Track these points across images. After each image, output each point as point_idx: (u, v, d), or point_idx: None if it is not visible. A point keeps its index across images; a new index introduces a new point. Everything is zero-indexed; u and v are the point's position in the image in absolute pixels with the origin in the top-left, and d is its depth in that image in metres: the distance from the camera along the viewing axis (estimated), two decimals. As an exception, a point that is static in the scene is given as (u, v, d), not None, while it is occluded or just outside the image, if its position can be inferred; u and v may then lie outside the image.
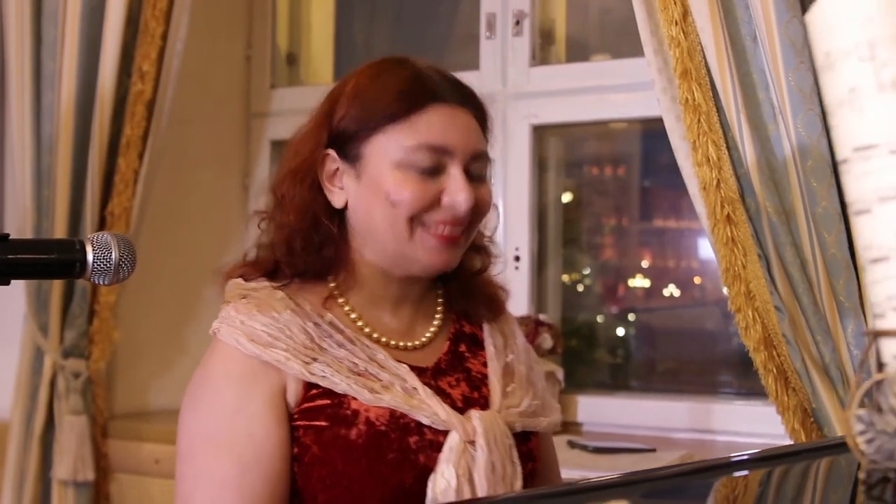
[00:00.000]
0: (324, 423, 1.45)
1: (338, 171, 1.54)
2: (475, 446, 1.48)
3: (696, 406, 2.81)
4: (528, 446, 1.60)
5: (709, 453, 2.62)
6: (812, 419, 2.03)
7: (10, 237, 1.16)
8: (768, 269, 2.05)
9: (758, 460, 1.18)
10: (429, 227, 1.50)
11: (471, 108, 1.55)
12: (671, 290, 3.28)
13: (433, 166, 1.49)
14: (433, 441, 1.48)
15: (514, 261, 2.97)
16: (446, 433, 1.48)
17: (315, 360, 1.46)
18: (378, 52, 3.62)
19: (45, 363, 2.89)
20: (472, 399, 1.57)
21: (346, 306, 1.56)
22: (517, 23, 2.97)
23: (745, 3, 2.04)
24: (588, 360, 3.20)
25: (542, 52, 3.04)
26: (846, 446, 0.84)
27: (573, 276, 3.29)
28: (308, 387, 1.46)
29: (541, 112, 2.95)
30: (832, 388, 1.99)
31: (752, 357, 2.07)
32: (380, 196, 1.49)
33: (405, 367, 1.52)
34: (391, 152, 1.49)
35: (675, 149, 2.14)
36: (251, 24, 3.45)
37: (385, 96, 1.50)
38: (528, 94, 2.96)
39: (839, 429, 1.97)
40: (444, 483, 1.46)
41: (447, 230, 1.50)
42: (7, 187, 3.16)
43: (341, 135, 1.53)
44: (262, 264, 1.57)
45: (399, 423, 1.47)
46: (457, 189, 1.49)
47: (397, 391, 1.48)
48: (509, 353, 1.67)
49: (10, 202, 3.10)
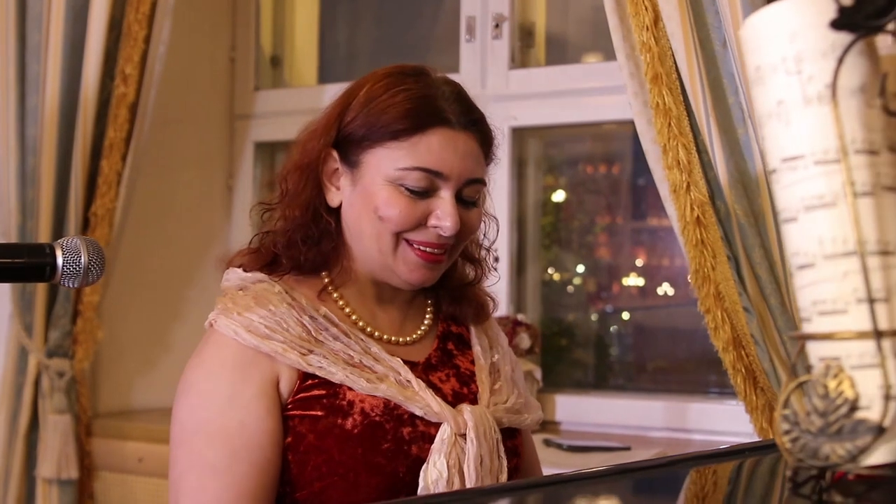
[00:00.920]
0: (319, 413, 1.49)
1: (337, 171, 1.58)
2: (465, 439, 1.53)
3: (672, 405, 2.85)
4: (514, 442, 1.65)
5: (683, 451, 2.64)
6: (780, 418, 2.06)
7: (-19, 242, 1.19)
8: (737, 270, 2.09)
9: (696, 459, 1.21)
10: (412, 244, 1.54)
11: (475, 132, 1.57)
12: (665, 289, 3.31)
13: (425, 189, 1.52)
14: (425, 433, 1.52)
15: (493, 262, 2.99)
16: (438, 425, 1.53)
17: (311, 351, 1.50)
18: (361, 54, 3.65)
19: (30, 363, 2.91)
20: (461, 394, 1.62)
21: (340, 300, 1.60)
22: (496, 25, 3.00)
23: (714, 8, 2.08)
24: (570, 360, 3.23)
25: (521, 55, 3.07)
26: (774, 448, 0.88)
27: (563, 275, 3.32)
28: (303, 377, 1.50)
29: (520, 114, 2.99)
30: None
31: (721, 357, 2.11)
32: (369, 207, 1.53)
33: (398, 360, 1.56)
34: (387, 168, 1.52)
35: (646, 152, 2.17)
36: (235, 27, 3.48)
37: (392, 111, 1.52)
38: (507, 97, 2.99)
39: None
40: (435, 473, 1.50)
41: (429, 249, 1.55)
42: (-8, 188, 3.18)
43: (346, 138, 1.56)
44: (262, 255, 1.60)
45: (393, 414, 1.51)
46: (444, 214, 1.52)
47: (392, 382, 1.52)
48: (495, 353, 1.72)
49: (-5, 203, 3.13)
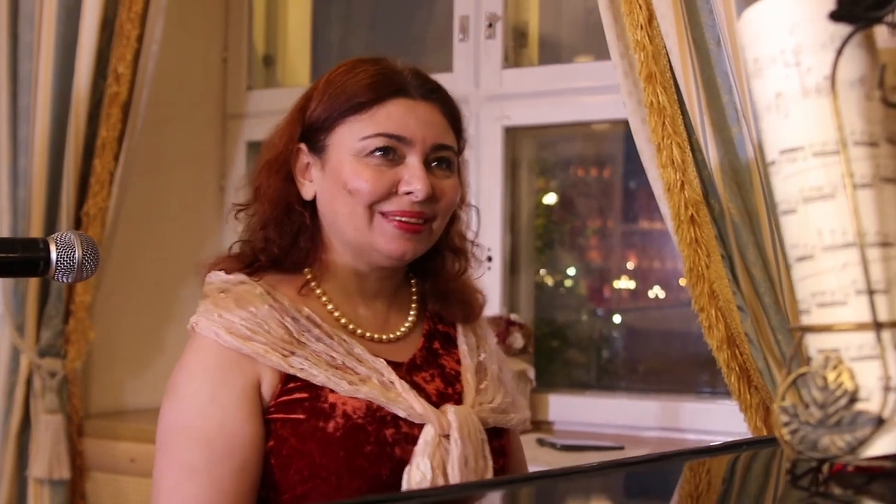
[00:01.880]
0: (301, 416, 1.48)
1: (308, 165, 1.58)
2: (450, 440, 1.52)
3: (665, 405, 2.85)
4: (500, 442, 1.64)
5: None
6: (774, 417, 2.06)
7: (-25, 236, 1.18)
8: (731, 269, 2.08)
9: (691, 453, 1.21)
10: (386, 215, 1.53)
11: (437, 103, 1.58)
12: (656, 292, 3.31)
13: (389, 152, 1.52)
14: (409, 434, 1.52)
15: (487, 261, 3.00)
16: (421, 426, 1.52)
17: (293, 353, 1.49)
18: (354, 54, 3.61)
19: (22, 362, 2.90)
20: (446, 394, 1.61)
21: (322, 297, 1.59)
22: (490, 25, 3.00)
23: (709, 7, 2.08)
24: (563, 360, 3.23)
25: (514, 55, 3.07)
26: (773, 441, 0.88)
27: (556, 277, 3.32)
28: (285, 380, 1.49)
29: (513, 114, 2.98)
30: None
31: (714, 356, 2.11)
32: (339, 186, 1.53)
33: (382, 361, 1.55)
34: (350, 142, 1.53)
35: (640, 151, 2.17)
36: (228, 26, 3.47)
37: (352, 88, 1.54)
38: (500, 96, 2.99)
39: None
40: (419, 475, 1.49)
41: (406, 219, 1.53)
42: (-16, 188, 3.17)
43: (311, 127, 1.58)
44: (243, 257, 1.60)
45: (376, 416, 1.50)
46: (413, 178, 1.51)
47: (374, 384, 1.52)
48: (482, 352, 1.71)
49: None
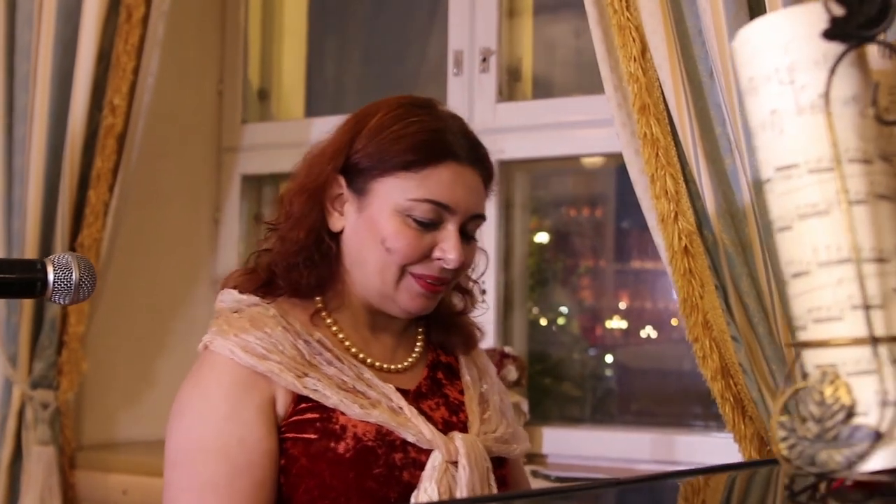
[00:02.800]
0: (312, 436, 1.49)
1: (341, 196, 1.59)
2: (457, 466, 1.54)
3: (659, 437, 2.84)
4: (501, 472, 1.66)
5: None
6: (769, 447, 2.05)
7: (-29, 258, 1.19)
8: (725, 299, 2.09)
9: (687, 473, 1.21)
10: (415, 276, 1.56)
11: (480, 168, 1.61)
12: (648, 332, 3.31)
13: (432, 221, 1.54)
14: (416, 459, 1.53)
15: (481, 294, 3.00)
16: (429, 452, 1.53)
17: (306, 374, 1.51)
18: (349, 88, 3.66)
19: (14, 394, 2.89)
20: (451, 423, 1.62)
21: (333, 326, 1.61)
22: (484, 60, 3.02)
23: (701, 40, 2.09)
24: (557, 396, 3.22)
25: (508, 89, 3.09)
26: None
27: (549, 316, 3.32)
28: (297, 400, 1.51)
29: (507, 147, 2.99)
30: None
31: (709, 386, 2.11)
32: (376, 237, 1.55)
33: (391, 387, 1.57)
34: (396, 197, 1.54)
35: (634, 182, 2.18)
36: (223, 59, 3.49)
37: (404, 142, 1.55)
38: (494, 130, 3.00)
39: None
40: (426, 500, 1.51)
41: (431, 281, 1.56)
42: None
43: (354, 166, 1.58)
44: (258, 275, 1.61)
45: (385, 440, 1.51)
46: (449, 248, 1.55)
47: (384, 408, 1.53)
48: (483, 383, 1.74)
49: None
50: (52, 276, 1.22)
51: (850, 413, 0.81)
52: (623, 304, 3.33)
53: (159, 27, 2.87)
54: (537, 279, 3.30)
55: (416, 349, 1.70)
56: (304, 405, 1.50)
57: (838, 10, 0.82)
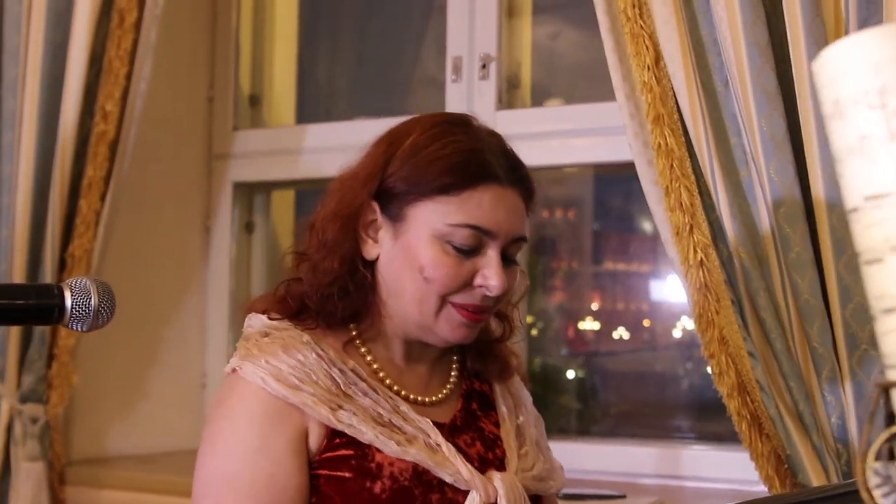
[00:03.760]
0: (348, 475, 1.43)
1: (375, 222, 1.52)
2: None
3: (663, 452, 2.80)
4: None
5: (678, 499, 2.61)
6: (786, 466, 2.02)
7: (-14, 283, 1.13)
8: (741, 314, 2.05)
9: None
10: (456, 306, 1.49)
11: (521, 189, 1.54)
12: (620, 333, 3.30)
13: (473, 247, 1.47)
14: (453, 500, 1.47)
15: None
16: (465, 493, 1.47)
17: (341, 407, 1.44)
18: (341, 94, 3.61)
19: (2, 408, 2.82)
20: (487, 459, 1.56)
21: (368, 356, 1.54)
22: (483, 66, 2.97)
23: (717, 49, 2.06)
24: (548, 405, 3.19)
25: (507, 96, 3.04)
26: (847, 496, 0.83)
27: (528, 318, 3.29)
28: (331, 435, 1.44)
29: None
30: (806, 435, 1.98)
31: (725, 403, 2.07)
32: (414, 266, 1.48)
33: (428, 421, 1.51)
34: (435, 223, 1.47)
35: (646, 193, 2.14)
36: (214, 66, 3.43)
37: (441, 164, 1.48)
38: (494, 138, 2.95)
39: (813, 476, 1.96)
40: None
41: (473, 309, 1.50)
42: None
43: (389, 190, 1.50)
44: (289, 305, 1.54)
45: (422, 479, 1.46)
46: (491, 274, 1.48)
47: (421, 445, 1.47)
48: (520, 414, 1.67)
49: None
50: (69, 302, 1.16)
51: (951, 460, 0.76)
52: (596, 306, 3.31)
53: (152, 32, 2.81)
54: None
55: (451, 379, 1.63)
56: (338, 440, 1.44)
57: (935, 30, 0.77)
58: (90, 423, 3.09)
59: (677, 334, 3.23)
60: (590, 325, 3.33)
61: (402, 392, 1.54)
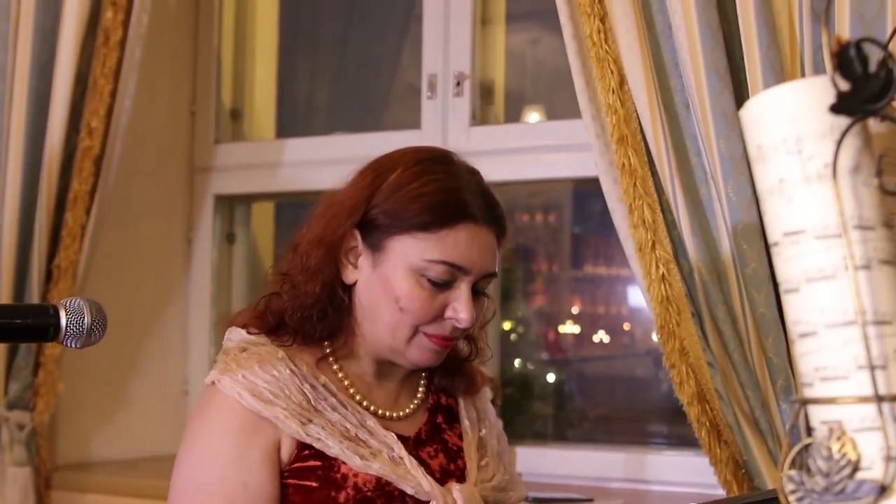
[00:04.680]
0: (314, 484, 1.52)
1: (355, 248, 1.61)
2: None
3: (631, 457, 2.89)
4: None
5: (644, 502, 2.70)
6: (743, 470, 2.11)
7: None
8: (701, 326, 2.14)
9: None
10: (427, 335, 1.58)
11: (496, 227, 1.63)
12: (601, 337, 3.35)
13: (446, 282, 1.56)
14: None
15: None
16: (427, 503, 1.56)
17: (311, 421, 1.53)
18: (320, 109, 3.68)
19: (-11, 415, 2.89)
20: (449, 471, 1.65)
21: (339, 372, 1.63)
22: (458, 84, 3.05)
23: (678, 73, 2.14)
24: (524, 410, 3.26)
25: (481, 112, 3.12)
26: (776, 500, 0.92)
27: (508, 323, 3.36)
28: (301, 446, 1.53)
29: (481, 170, 3.00)
30: (762, 441, 2.07)
31: (686, 411, 2.15)
32: (390, 295, 1.57)
33: (392, 435, 1.60)
34: (412, 257, 1.56)
35: (611, 210, 2.22)
36: (196, 81, 3.50)
37: (421, 202, 1.56)
38: (468, 154, 3.02)
39: (770, 481, 2.05)
40: None
41: (444, 338, 1.60)
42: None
43: (371, 221, 1.59)
44: (268, 320, 1.62)
45: (385, 490, 1.54)
46: (462, 308, 1.57)
47: (385, 459, 1.56)
48: (483, 427, 1.76)
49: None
50: (64, 321, 1.24)
51: (856, 468, 0.85)
52: (576, 310, 3.36)
53: (136, 50, 2.88)
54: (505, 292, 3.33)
55: (418, 394, 1.72)
56: (307, 451, 1.53)
57: (844, 86, 0.86)
58: (75, 429, 3.16)
59: (657, 338, 3.29)
60: (570, 328, 3.39)
61: (371, 407, 1.63)
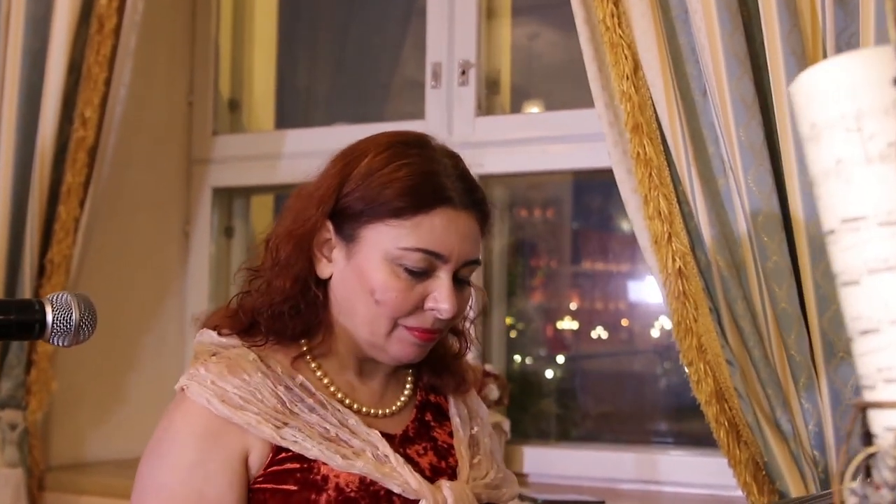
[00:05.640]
0: (293, 487, 1.44)
1: (329, 241, 1.52)
2: None
3: (641, 457, 2.81)
4: None
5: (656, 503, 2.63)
6: (764, 472, 2.03)
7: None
8: (719, 322, 2.06)
9: None
10: (408, 328, 1.50)
11: (476, 212, 1.53)
12: (599, 333, 3.30)
13: (424, 270, 1.48)
14: None
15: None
16: (415, 502, 1.48)
17: (286, 424, 1.45)
18: (320, 100, 3.61)
19: (-20, 414, 2.81)
20: (439, 468, 1.57)
21: (318, 370, 1.55)
22: (463, 72, 2.97)
23: (695, 58, 2.07)
24: (530, 410, 3.20)
25: (486, 102, 3.05)
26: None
27: (509, 320, 3.30)
28: (276, 450, 1.45)
29: (487, 161, 2.95)
30: (784, 442, 2.00)
31: (703, 410, 2.08)
32: (365, 288, 1.48)
33: (376, 433, 1.51)
34: (386, 245, 1.47)
35: (625, 201, 2.15)
36: (193, 70, 3.42)
37: (395, 186, 1.47)
38: (473, 144, 2.96)
39: (791, 483, 1.98)
40: None
41: (425, 331, 1.51)
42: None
43: (343, 210, 1.51)
44: (240, 319, 1.54)
45: (369, 491, 1.46)
46: (442, 297, 1.48)
47: (368, 458, 1.47)
48: (474, 424, 1.68)
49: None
50: (50, 318, 1.16)
51: (926, 479, 0.77)
52: (574, 305, 3.31)
53: (132, 38, 2.80)
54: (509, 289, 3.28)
55: (405, 392, 1.64)
56: (283, 454, 1.45)
57: (909, 56, 0.78)
58: (69, 428, 3.08)
59: (655, 334, 3.25)
60: (568, 324, 3.33)
61: (354, 405, 1.54)
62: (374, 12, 3.52)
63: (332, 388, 1.54)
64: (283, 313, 1.51)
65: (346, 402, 1.54)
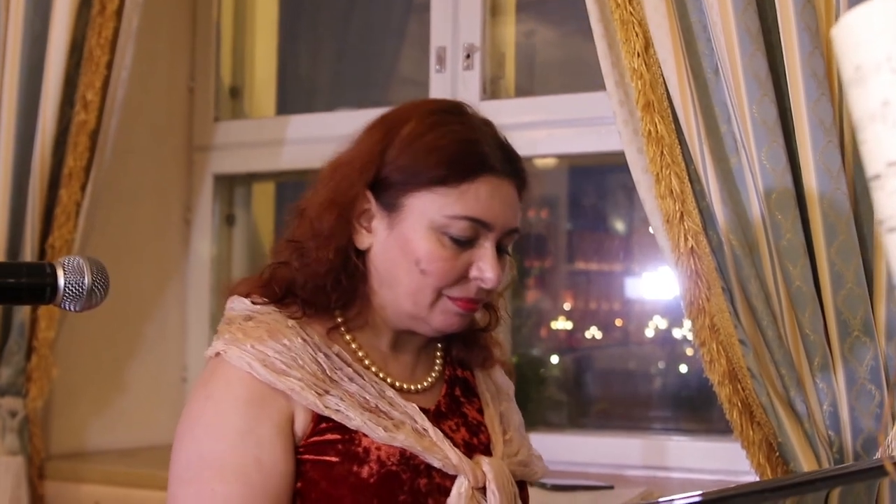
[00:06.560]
0: (334, 459, 1.40)
1: (368, 211, 1.49)
2: (483, 492, 1.46)
3: (648, 443, 2.79)
4: (523, 495, 1.59)
5: (666, 490, 2.60)
6: (777, 454, 2.01)
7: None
8: (732, 301, 2.04)
9: (793, 486, 1.15)
10: (452, 298, 1.47)
11: (517, 180, 1.52)
12: (593, 333, 3.29)
13: (469, 239, 1.46)
14: (441, 485, 1.45)
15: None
16: (452, 478, 1.45)
17: (328, 392, 1.41)
18: (322, 86, 3.58)
19: (-20, 402, 2.78)
20: (472, 444, 1.55)
21: (352, 343, 1.52)
22: (468, 56, 2.95)
23: (707, 35, 2.04)
24: (535, 398, 3.18)
25: (491, 86, 3.02)
26: (880, 470, 0.82)
27: (517, 318, 3.29)
28: (318, 419, 1.41)
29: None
30: (797, 423, 1.97)
31: (716, 391, 2.05)
32: (409, 257, 1.46)
33: (414, 406, 1.49)
34: (432, 214, 1.45)
35: (636, 181, 2.12)
36: (195, 56, 3.39)
37: (438, 155, 1.45)
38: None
39: (805, 464, 1.95)
40: None
41: (469, 300, 1.48)
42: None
43: (385, 180, 1.48)
44: (273, 290, 1.50)
45: (410, 464, 1.43)
46: (487, 267, 1.46)
47: (409, 431, 1.45)
48: (503, 401, 1.66)
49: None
50: (62, 281, 1.13)
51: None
52: (568, 305, 3.30)
53: (134, 20, 2.77)
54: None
55: (435, 367, 1.61)
56: (324, 425, 1.41)
57: (961, -7, 0.76)
58: (70, 417, 3.04)
59: (650, 333, 3.23)
60: (562, 324, 3.32)
61: (388, 379, 1.51)
62: (376, -2, 3.50)
63: (367, 361, 1.51)
64: (325, 285, 1.47)
65: (381, 375, 1.51)
